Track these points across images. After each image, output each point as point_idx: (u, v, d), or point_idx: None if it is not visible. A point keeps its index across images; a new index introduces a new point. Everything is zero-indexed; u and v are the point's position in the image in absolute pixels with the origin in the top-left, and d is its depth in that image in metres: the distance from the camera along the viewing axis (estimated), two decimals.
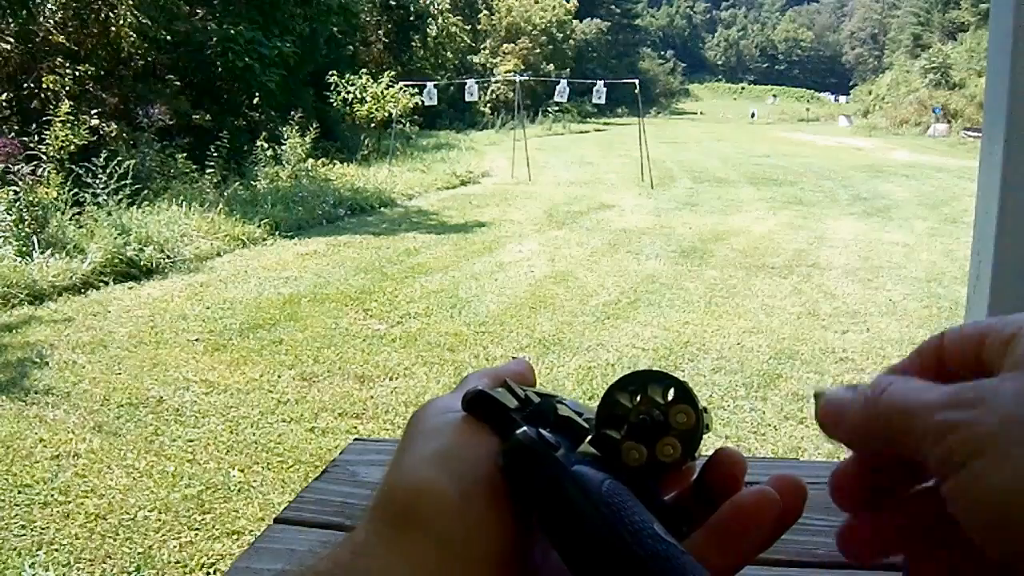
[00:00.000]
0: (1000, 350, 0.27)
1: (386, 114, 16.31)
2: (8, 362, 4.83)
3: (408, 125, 18.14)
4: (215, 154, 11.10)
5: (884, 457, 0.30)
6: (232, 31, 13.97)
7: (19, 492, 3.30)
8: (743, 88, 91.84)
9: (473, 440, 0.31)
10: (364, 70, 17.51)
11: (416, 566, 0.28)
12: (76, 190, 8.06)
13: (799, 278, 7.45)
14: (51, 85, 11.01)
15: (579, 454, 0.30)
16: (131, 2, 12.04)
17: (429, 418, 0.33)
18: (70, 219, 7.54)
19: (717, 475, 0.33)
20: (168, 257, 7.52)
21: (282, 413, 4.19)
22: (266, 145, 11.98)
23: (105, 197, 8.33)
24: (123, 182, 8.50)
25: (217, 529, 3.08)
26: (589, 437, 0.32)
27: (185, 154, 10.99)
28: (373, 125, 16.78)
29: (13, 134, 9.44)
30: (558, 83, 15.84)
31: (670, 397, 0.32)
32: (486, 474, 0.30)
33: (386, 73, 17.33)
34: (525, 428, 0.30)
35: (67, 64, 11.65)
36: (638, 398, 0.32)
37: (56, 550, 2.90)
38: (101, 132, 10.53)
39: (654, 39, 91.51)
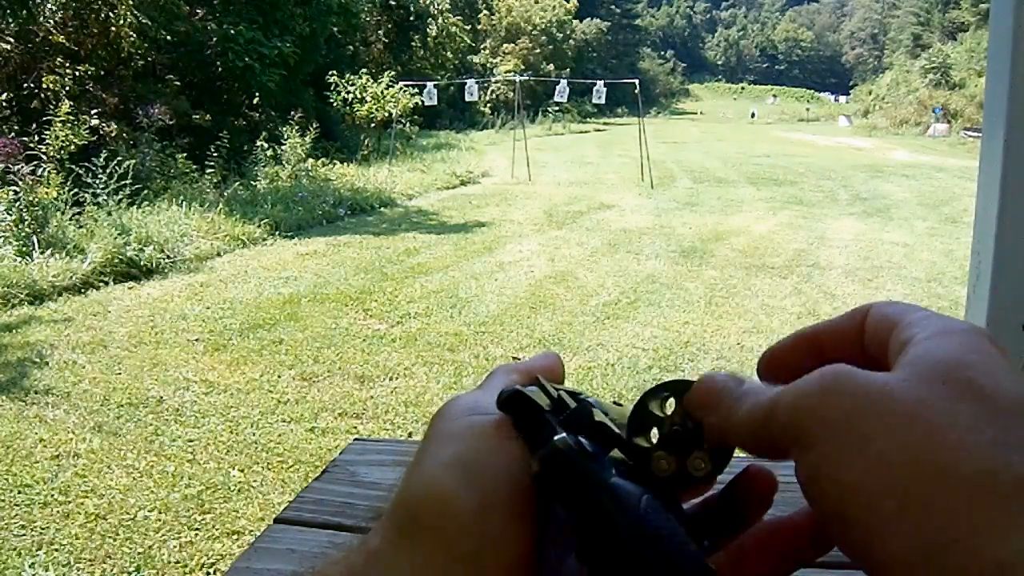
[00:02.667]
0: (898, 346, 0.27)
1: (386, 114, 16.31)
2: (8, 362, 4.83)
3: (408, 125, 18.13)
4: (215, 154, 11.10)
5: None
6: (232, 31, 13.97)
7: (19, 492, 3.30)
8: (743, 88, 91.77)
9: (496, 447, 0.30)
10: (364, 70, 17.51)
11: None
12: (76, 190, 8.05)
13: (799, 278, 7.45)
14: (51, 85, 11.01)
15: (610, 459, 0.30)
16: (131, 2, 12.03)
17: (451, 419, 0.32)
18: (70, 219, 7.54)
19: (747, 492, 0.32)
20: (168, 257, 7.52)
21: (282, 413, 4.19)
22: (266, 145, 11.98)
23: (105, 197, 8.33)
24: (123, 182, 8.50)
25: (217, 529, 3.08)
26: (620, 443, 0.31)
27: (185, 154, 11.00)
28: (373, 125, 16.78)
29: (13, 134, 9.43)
30: (558, 83, 15.83)
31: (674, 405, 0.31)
32: (508, 484, 0.29)
33: (386, 73, 17.32)
34: (564, 435, 0.29)
35: (67, 64, 11.65)
36: (671, 407, 0.31)
37: (56, 550, 2.90)
38: (101, 132, 10.53)
39: (654, 39, 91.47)
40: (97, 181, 8.42)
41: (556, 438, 0.28)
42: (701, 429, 0.30)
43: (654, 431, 0.32)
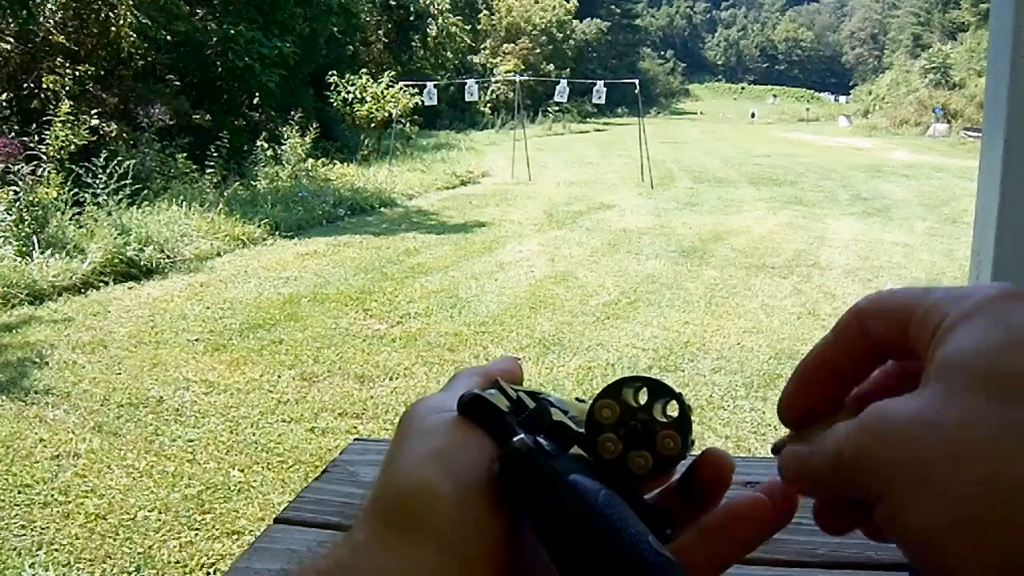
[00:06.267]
0: (925, 340, 0.26)
1: (386, 114, 16.30)
2: (8, 362, 4.83)
3: (408, 125, 18.13)
4: (215, 154, 11.10)
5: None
6: (232, 31, 13.97)
7: (19, 492, 3.30)
8: (743, 88, 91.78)
9: (469, 440, 0.31)
10: (364, 70, 17.50)
11: (415, 567, 0.28)
12: (76, 190, 8.05)
13: (799, 278, 7.45)
14: (51, 85, 11.00)
15: (571, 457, 0.31)
16: (131, 2, 12.03)
17: (422, 417, 0.33)
18: (70, 219, 7.54)
19: (705, 477, 0.33)
20: (168, 257, 7.52)
21: (282, 413, 4.19)
22: (266, 145, 11.97)
23: (105, 197, 8.33)
24: (123, 182, 8.50)
25: (217, 529, 3.08)
26: (579, 440, 0.32)
27: (185, 154, 10.98)
28: (373, 125, 16.77)
29: (13, 134, 9.43)
30: (558, 83, 15.82)
31: (645, 397, 0.32)
32: (483, 475, 0.30)
33: (386, 73, 17.32)
34: (522, 435, 0.30)
35: (67, 64, 11.64)
36: (644, 397, 0.32)
37: (56, 550, 2.90)
38: (101, 132, 10.52)
39: (654, 39, 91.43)
40: (97, 181, 8.41)
41: (514, 439, 0.29)
42: (653, 413, 0.32)
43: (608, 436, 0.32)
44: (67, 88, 11.07)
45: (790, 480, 0.30)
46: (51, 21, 11.54)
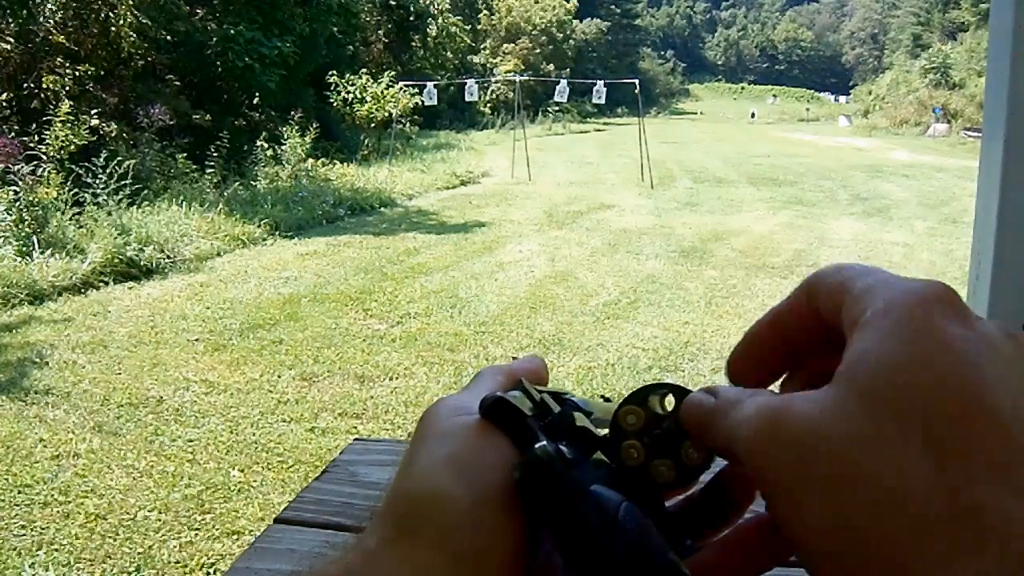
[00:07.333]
0: (849, 329, 0.25)
1: (386, 114, 16.31)
2: (8, 362, 4.83)
3: (408, 125, 18.13)
4: (215, 154, 11.09)
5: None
6: (232, 31, 13.97)
7: (19, 492, 3.30)
8: (743, 88, 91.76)
9: (488, 445, 0.30)
10: (364, 70, 17.51)
11: (426, 574, 0.28)
12: (76, 190, 8.05)
13: (799, 278, 7.32)
14: (51, 85, 11.00)
15: (593, 463, 0.30)
16: (131, 2, 12.03)
17: (441, 419, 0.32)
18: (70, 219, 7.54)
19: (730, 487, 0.32)
20: (168, 257, 7.52)
21: (282, 413, 4.19)
22: (266, 145, 11.97)
23: (105, 197, 8.33)
24: (123, 182, 8.50)
25: (217, 529, 3.08)
26: (602, 445, 0.31)
27: (185, 154, 10.99)
28: (373, 125, 16.77)
29: (13, 134, 9.43)
30: (558, 83, 15.82)
31: (672, 404, 0.32)
32: (500, 482, 0.29)
33: (386, 73, 17.32)
34: (544, 443, 0.29)
35: (67, 64, 11.64)
36: (671, 404, 0.32)
37: (56, 550, 2.90)
38: (101, 132, 10.52)
39: (654, 39, 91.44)
40: (97, 181, 8.41)
41: (536, 446, 0.29)
42: (678, 436, 0.31)
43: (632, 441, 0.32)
44: (67, 88, 11.07)
45: (692, 428, 0.30)
46: (51, 21, 11.54)
